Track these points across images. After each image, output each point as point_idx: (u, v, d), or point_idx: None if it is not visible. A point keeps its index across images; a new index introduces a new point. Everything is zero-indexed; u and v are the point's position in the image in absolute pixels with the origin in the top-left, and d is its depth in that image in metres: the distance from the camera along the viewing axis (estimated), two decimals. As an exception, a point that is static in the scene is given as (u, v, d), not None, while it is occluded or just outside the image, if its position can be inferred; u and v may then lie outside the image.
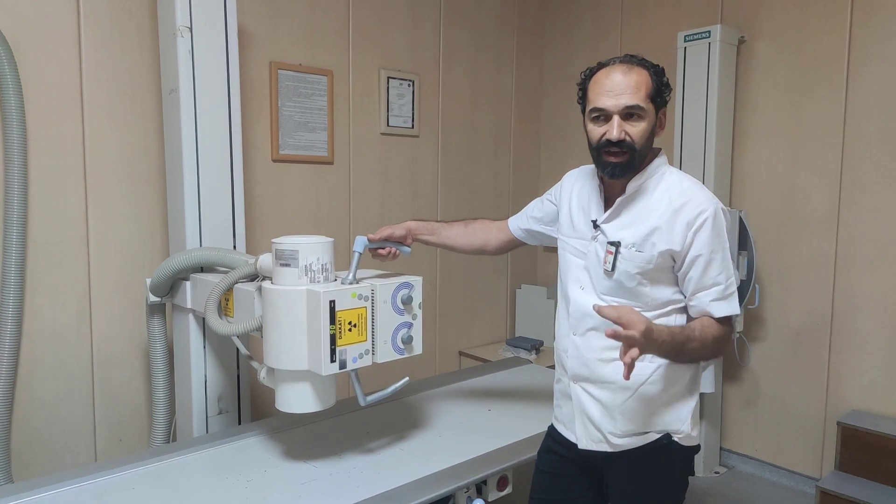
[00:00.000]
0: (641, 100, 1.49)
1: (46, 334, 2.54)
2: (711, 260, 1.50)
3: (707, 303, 1.52)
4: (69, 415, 2.62)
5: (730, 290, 1.53)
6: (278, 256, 1.77)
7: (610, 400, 1.58)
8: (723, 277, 1.51)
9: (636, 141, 1.50)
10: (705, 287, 1.51)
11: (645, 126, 1.51)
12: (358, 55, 3.40)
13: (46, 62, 2.49)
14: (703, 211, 1.50)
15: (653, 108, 1.52)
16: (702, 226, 1.49)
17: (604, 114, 1.51)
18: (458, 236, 2.06)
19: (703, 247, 1.50)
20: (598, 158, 1.56)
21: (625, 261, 1.54)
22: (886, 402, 3.02)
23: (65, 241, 2.57)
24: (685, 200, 1.51)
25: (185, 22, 2.34)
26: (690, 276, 1.52)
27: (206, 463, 1.96)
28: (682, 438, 1.58)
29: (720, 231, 1.51)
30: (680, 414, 1.57)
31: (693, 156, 3.35)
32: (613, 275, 1.55)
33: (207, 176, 2.44)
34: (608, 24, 4.03)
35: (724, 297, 1.52)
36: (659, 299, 1.55)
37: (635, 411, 1.56)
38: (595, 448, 1.62)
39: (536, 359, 3.73)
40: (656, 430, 1.57)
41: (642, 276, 1.53)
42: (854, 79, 3.07)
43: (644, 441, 1.57)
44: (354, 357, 1.76)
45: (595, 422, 1.61)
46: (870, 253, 3.04)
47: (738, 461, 3.58)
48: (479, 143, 4.04)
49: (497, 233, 2.05)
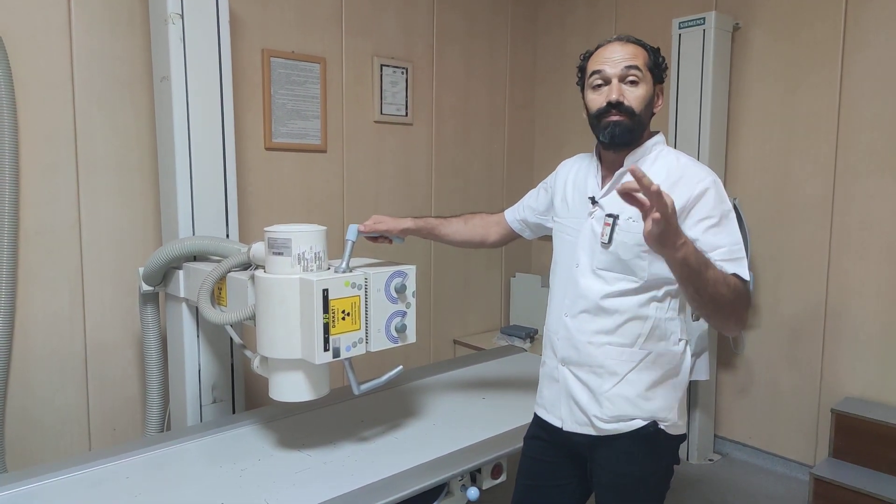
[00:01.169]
0: (640, 64, 1.53)
1: (39, 324, 2.53)
2: (719, 223, 1.45)
3: (719, 263, 1.41)
4: (63, 404, 2.61)
5: (739, 253, 1.45)
6: (271, 245, 1.77)
7: (597, 385, 1.57)
8: (730, 240, 1.45)
9: (634, 105, 1.52)
10: (715, 246, 1.43)
11: (642, 92, 1.53)
12: (351, 42, 3.37)
13: (37, 49, 2.46)
14: (701, 180, 1.48)
15: (650, 76, 1.55)
16: (703, 193, 1.47)
17: (603, 76, 1.54)
18: (456, 233, 2.05)
19: (710, 210, 1.46)
20: (598, 125, 1.56)
21: (622, 232, 1.52)
22: (880, 389, 3.03)
23: (57, 230, 2.55)
24: (682, 174, 1.51)
25: (177, 9, 2.32)
26: (696, 239, 1.42)
27: (200, 452, 1.95)
28: (669, 427, 1.58)
29: (723, 199, 1.49)
30: (667, 402, 1.57)
31: (687, 142, 3.34)
32: (610, 247, 1.54)
33: (200, 164, 2.42)
34: (602, 10, 4.01)
35: (734, 260, 1.44)
36: (657, 274, 1.52)
37: (623, 397, 1.55)
38: (580, 430, 1.61)
39: (531, 347, 3.74)
40: (643, 417, 1.56)
41: (640, 248, 1.50)
42: (848, 66, 3.06)
43: (630, 427, 1.56)
44: (348, 346, 1.75)
45: (581, 405, 1.60)
46: (864, 240, 3.04)
47: (732, 448, 3.60)
48: (473, 131, 4.02)
49: (495, 226, 2.05)
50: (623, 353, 1.55)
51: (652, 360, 1.55)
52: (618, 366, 1.56)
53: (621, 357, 1.55)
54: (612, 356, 1.56)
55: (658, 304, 1.55)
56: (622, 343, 1.55)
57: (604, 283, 1.56)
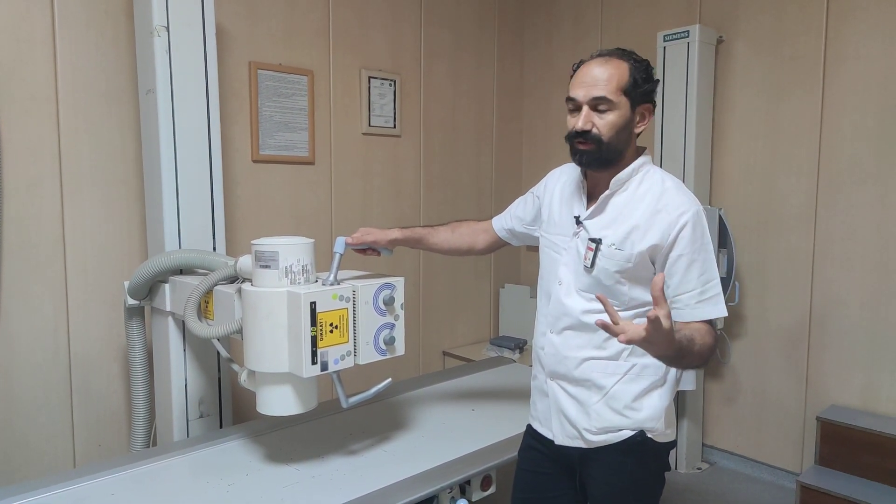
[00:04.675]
0: (610, 92, 1.49)
1: (23, 339, 2.51)
2: (694, 261, 1.49)
3: (693, 305, 1.49)
4: (47, 420, 2.58)
5: (713, 291, 1.50)
6: (258, 258, 1.76)
7: (585, 397, 1.59)
8: (704, 279, 1.50)
9: (602, 132, 1.51)
10: (689, 289, 1.50)
11: (612, 118, 1.51)
12: (339, 55, 3.38)
13: (20, 62, 2.45)
14: (684, 212, 1.49)
15: (626, 100, 1.51)
16: (683, 226, 1.48)
17: (575, 104, 1.54)
18: (444, 242, 2.05)
19: (685, 247, 1.49)
20: (571, 148, 1.58)
21: (604, 258, 1.54)
22: (865, 397, 3.06)
23: (41, 244, 2.53)
24: (668, 202, 1.51)
25: (162, 21, 2.32)
26: (672, 276, 1.50)
27: (187, 467, 1.93)
28: (657, 435, 1.59)
29: (703, 232, 1.50)
30: (654, 411, 1.58)
31: (673, 155, 3.37)
32: (592, 271, 1.55)
33: (186, 177, 2.41)
34: (588, 24, 4.04)
35: (708, 300, 1.50)
36: (637, 299, 1.55)
37: (610, 409, 1.57)
38: (571, 444, 1.63)
39: (520, 358, 3.74)
40: (630, 428, 1.57)
41: (621, 275, 1.53)
42: (830, 78, 3.10)
43: (618, 438, 1.57)
44: (336, 359, 1.75)
45: (571, 419, 1.62)
46: (847, 250, 3.08)
47: (719, 457, 3.62)
48: (461, 143, 4.04)
49: (483, 234, 2.06)
50: (608, 366, 1.57)
51: (637, 372, 1.57)
52: (603, 378, 1.57)
53: (606, 370, 1.57)
54: (598, 369, 1.58)
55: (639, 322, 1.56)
56: (608, 357, 1.57)
57: (586, 302, 1.58)
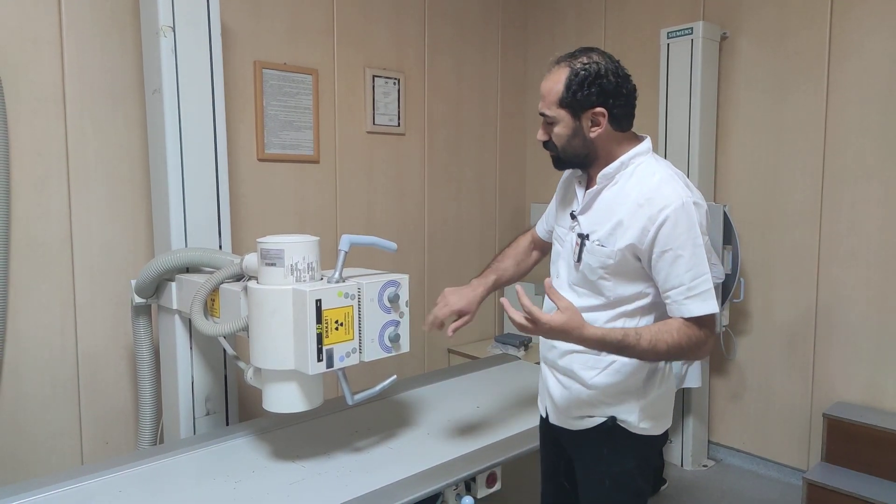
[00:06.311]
0: (547, 107, 1.54)
1: (31, 337, 2.52)
2: (679, 256, 1.44)
3: (681, 301, 1.46)
4: (55, 417, 2.60)
5: (701, 287, 1.45)
6: (264, 256, 1.77)
7: (568, 384, 1.66)
8: (691, 275, 1.44)
9: (556, 142, 1.56)
10: (675, 285, 1.46)
11: (558, 130, 1.54)
12: (343, 53, 3.39)
13: (28, 63, 2.46)
14: (665, 206, 1.44)
15: (564, 112, 1.51)
16: (664, 222, 1.44)
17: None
18: (515, 276, 2.04)
19: (669, 242, 1.44)
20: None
21: (588, 254, 1.55)
22: (871, 394, 3.05)
23: (48, 243, 2.54)
24: (651, 196, 1.47)
25: (168, 21, 2.33)
26: (659, 272, 1.48)
27: (193, 465, 1.95)
28: (630, 426, 1.60)
29: (689, 226, 1.44)
30: (628, 406, 1.60)
31: (677, 151, 3.36)
32: (579, 266, 1.58)
33: (192, 176, 2.42)
34: (591, 20, 4.04)
35: (695, 296, 1.45)
36: (622, 295, 1.54)
37: (589, 397, 1.61)
38: (558, 423, 1.71)
39: (525, 355, 3.74)
40: (601, 415, 1.61)
41: (604, 271, 1.53)
42: (834, 73, 3.09)
43: (591, 424, 1.62)
44: (341, 356, 1.76)
45: (556, 402, 1.69)
46: (852, 245, 3.07)
47: (725, 454, 3.61)
48: (465, 140, 4.04)
49: (534, 248, 2.03)
50: (589, 360, 1.60)
51: (615, 369, 1.59)
52: (584, 371, 1.62)
53: (587, 364, 1.61)
54: (579, 362, 1.62)
55: (627, 320, 1.56)
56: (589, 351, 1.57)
57: (576, 297, 1.60)
